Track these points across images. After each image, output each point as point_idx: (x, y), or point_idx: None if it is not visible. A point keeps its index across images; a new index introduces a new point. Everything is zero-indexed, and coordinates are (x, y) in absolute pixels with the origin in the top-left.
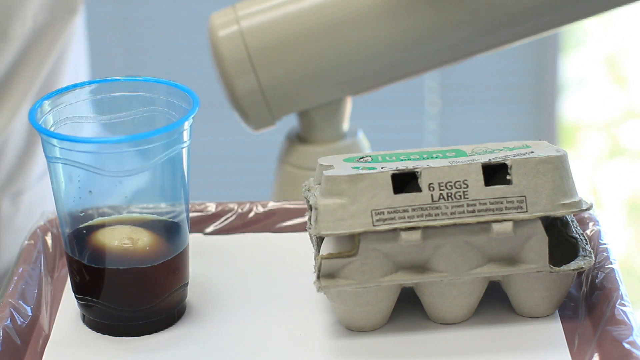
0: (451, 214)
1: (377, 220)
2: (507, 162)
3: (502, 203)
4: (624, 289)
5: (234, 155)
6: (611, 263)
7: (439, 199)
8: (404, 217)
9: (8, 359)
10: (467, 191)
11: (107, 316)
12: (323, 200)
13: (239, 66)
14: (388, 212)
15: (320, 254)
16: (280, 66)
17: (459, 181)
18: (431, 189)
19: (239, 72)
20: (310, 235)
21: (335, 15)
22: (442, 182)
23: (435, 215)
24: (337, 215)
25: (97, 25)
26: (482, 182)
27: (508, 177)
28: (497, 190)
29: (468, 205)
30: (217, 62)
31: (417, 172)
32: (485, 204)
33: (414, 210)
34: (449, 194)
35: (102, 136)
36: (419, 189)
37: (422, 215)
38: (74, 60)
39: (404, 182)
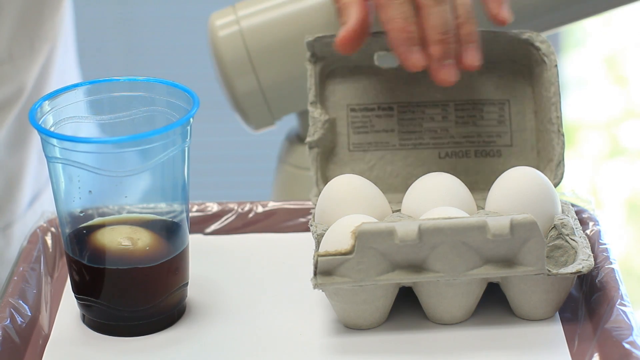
0: None
1: None
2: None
3: None
4: (624, 289)
5: (234, 155)
6: (611, 263)
7: None
8: None
9: (8, 359)
10: None
11: (107, 316)
12: None
13: (239, 66)
14: None
15: (318, 251)
16: (280, 66)
17: None
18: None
19: (239, 72)
20: (312, 234)
21: (334, 16)
22: None
23: None
24: None
25: (97, 25)
26: None
27: None
28: None
29: None
30: (217, 62)
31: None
32: None
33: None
34: None
35: (102, 136)
36: None
37: None
38: (61, 68)
39: None
